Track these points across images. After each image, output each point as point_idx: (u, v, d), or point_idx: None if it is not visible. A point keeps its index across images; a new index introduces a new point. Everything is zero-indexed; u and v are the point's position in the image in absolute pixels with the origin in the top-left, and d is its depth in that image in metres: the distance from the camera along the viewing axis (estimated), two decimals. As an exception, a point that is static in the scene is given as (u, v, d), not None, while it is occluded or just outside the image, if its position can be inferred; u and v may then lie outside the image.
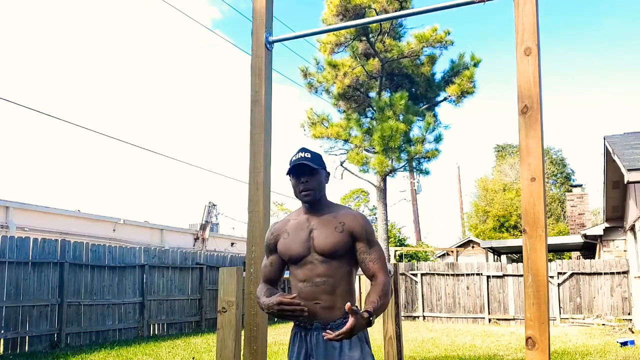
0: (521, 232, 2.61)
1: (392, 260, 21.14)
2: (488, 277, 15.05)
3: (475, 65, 15.50)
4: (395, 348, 4.37)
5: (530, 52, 2.63)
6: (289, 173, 2.54)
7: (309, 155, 2.53)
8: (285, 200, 33.17)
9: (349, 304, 2.20)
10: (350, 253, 2.48)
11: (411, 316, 15.72)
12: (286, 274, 2.69)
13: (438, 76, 16.28)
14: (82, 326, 10.13)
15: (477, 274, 15.22)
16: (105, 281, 10.84)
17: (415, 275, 15.90)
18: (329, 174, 2.64)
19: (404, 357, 4.60)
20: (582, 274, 14.20)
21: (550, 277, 14.23)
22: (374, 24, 15.24)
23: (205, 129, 63.78)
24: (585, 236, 16.69)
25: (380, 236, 15.59)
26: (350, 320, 2.18)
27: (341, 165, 16.40)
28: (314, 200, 2.52)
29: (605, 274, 13.96)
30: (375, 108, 15.29)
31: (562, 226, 31.43)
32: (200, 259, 13.62)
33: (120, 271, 11.22)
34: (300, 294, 2.44)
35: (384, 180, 16.22)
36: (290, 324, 2.60)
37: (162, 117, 60.80)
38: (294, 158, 2.54)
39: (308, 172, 2.50)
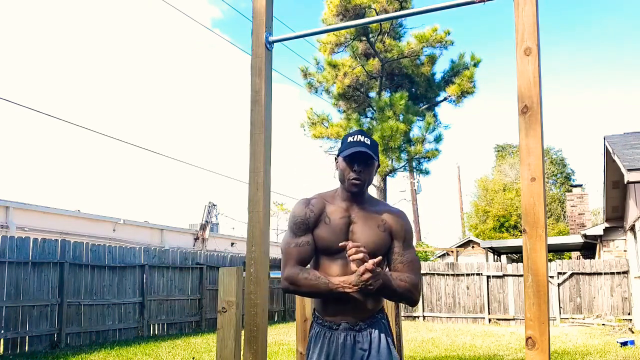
0: (521, 232, 2.61)
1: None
2: (488, 277, 15.05)
3: (475, 65, 15.48)
4: (395, 348, 4.37)
5: (530, 52, 2.63)
6: (344, 156, 2.26)
7: (369, 142, 2.27)
8: (285, 200, 33.20)
9: (347, 243, 2.11)
10: (387, 253, 2.31)
11: (411, 316, 15.73)
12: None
13: (438, 76, 16.26)
14: (82, 326, 10.13)
15: (477, 274, 15.23)
16: (105, 281, 10.84)
17: (415, 275, 15.90)
18: (379, 165, 2.40)
19: (404, 357, 4.60)
20: (582, 274, 14.20)
21: (550, 277, 14.23)
22: (374, 24, 15.25)
23: (205, 129, 63.82)
24: (585, 236, 16.69)
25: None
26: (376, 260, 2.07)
27: (341, 165, 16.39)
28: (361, 192, 2.31)
29: (605, 274, 13.97)
30: (375, 108, 15.27)
31: (562, 226, 31.45)
32: (200, 259, 13.61)
33: (120, 271, 11.22)
34: None
35: (384, 180, 16.20)
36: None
37: (162, 117, 60.85)
38: (352, 139, 2.29)
39: (365, 162, 2.26)
